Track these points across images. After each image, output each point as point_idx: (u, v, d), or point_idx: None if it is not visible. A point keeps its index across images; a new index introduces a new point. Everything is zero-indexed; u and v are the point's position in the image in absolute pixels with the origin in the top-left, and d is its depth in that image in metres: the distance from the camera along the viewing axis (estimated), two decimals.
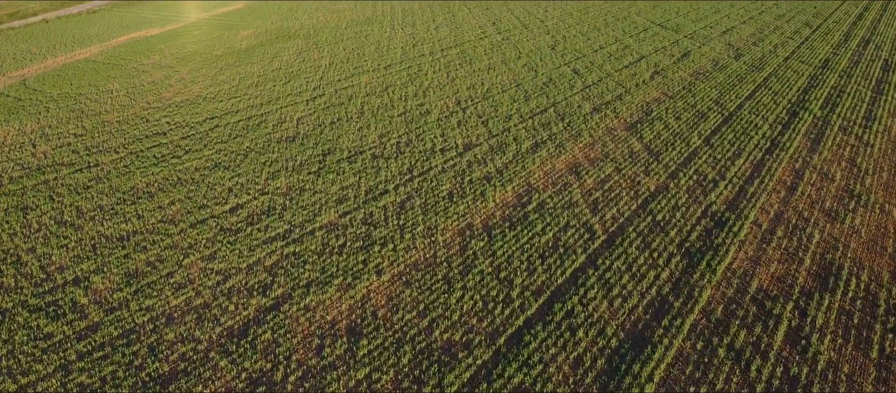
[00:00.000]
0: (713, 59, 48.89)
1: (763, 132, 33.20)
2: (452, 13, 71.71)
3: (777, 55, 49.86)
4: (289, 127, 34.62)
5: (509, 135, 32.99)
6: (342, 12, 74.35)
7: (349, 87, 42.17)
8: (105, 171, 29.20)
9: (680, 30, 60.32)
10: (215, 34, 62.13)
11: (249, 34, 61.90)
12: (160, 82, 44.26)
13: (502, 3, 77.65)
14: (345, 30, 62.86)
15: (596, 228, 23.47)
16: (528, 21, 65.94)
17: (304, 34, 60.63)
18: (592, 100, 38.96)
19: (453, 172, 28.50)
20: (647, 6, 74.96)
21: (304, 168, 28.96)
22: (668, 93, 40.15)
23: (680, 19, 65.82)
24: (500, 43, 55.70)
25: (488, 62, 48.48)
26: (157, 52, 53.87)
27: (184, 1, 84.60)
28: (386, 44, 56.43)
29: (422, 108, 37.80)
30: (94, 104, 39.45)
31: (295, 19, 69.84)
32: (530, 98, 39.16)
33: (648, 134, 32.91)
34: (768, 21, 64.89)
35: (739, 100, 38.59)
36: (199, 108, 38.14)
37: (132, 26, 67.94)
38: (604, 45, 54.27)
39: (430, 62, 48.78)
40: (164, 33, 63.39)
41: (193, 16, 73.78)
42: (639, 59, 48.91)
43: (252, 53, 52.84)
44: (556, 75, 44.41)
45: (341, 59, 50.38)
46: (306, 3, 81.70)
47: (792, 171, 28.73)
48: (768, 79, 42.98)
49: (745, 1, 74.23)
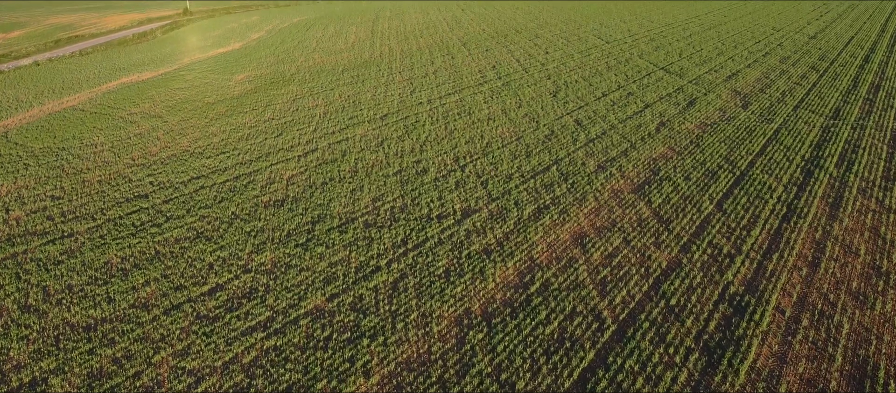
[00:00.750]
0: (720, 107, 47.78)
1: (778, 195, 31.67)
2: (452, 55, 71.13)
3: (786, 103, 48.77)
4: (278, 188, 33.12)
5: (510, 198, 31.46)
6: (340, 54, 73.80)
7: (343, 141, 40.88)
8: (79, 244, 27.56)
9: (684, 74, 59.47)
10: (209, 78, 61.29)
11: (244, 78, 61.05)
12: (147, 134, 43.00)
13: (502, 45, 77.23)
14: (342, 74, 62.05)
15: (605, 315, 21.70)
16: (529, 64, 65.22)
17: (299, 79, 59.76)
18: (596, 156, 37.59)
19: (450, 244, 26.85)
20: (647, 47, 74.47)
21: (291, 239, 27.33)
22: (675, 147, 38.81)
23: (683, 62, 65.13)
24: (501, 89, 54.68)
25: (488, 111, 47.35)
26: (147, 100, 52.84)
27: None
28: (383, 90, 55.46)
29: (418, 165, 36.40)
30: (76, 160, 38.07)
31: (291, 62, 69.20)
32: (532, 154, 37.79)
33: (657, 197, 31.37)
34: (773, 64, 64.20)
35: (750, 156, 37.22)
36: (185, 165, 36.74)
37: (125, 69, 67.24)
38: (607, 91, 53.27)
39: (427, 111, 47.64)
40: (157, 77, 62.59)
41: (188, 58, 73.18)
42: (643, 107, 47.80)
43: (245, 101, 51.79)
44: (558, 127, 43.16)
45: (336, 108, 49.27)
46: (304, 45, 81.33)
47: (812, 243, 27.09)
48: (779, 131, 41.72)
49: (750, 44, 73.71)
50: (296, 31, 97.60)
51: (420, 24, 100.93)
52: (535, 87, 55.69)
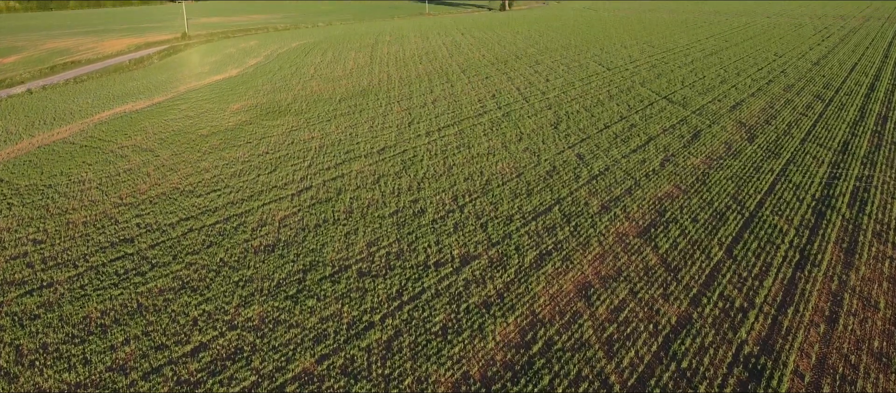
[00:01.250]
0: (725, 141, 46.92)
1: (790, 239, 30.55)
2: (451, 83, 70.60)
3: (792, 136, 47.91)
4: (269, 231, 32.02)
5: (511, 242, 30.35)
6: (338, 82, 73.28)
7: (339, 178, 39.92)
8: (58, 295, 26.38)
9: (687, 104, 58.79)
10: (204, 108, 60.61)
11: (239, 108, 60.36)
12: (137, 170, 42.06)
13: (503, 72, 76.78)
14: (339, 103, 61.39)
15: (612, 381, 20.45)
16: (529, 93, 64.61)
17: (295, 109, 59.07)
18: (600, 194, 36.57)
19: (448, 296, 25.68)
20: (649, 74, 74.00)
21: (281, 290, 26.16)
22: (681, 185, 37.81)
23: (686, 91, 64.54)
24: (501, 120, 53.89)
25: (488, 145, 46.48)
26: (139, 132, 52.04)
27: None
28: (381, 120, 54.71)
29: (416, 205, 35.36)
30: (62, 199, 37.05)
31: (288, 90, 68.64)
32: (533, 192, 36.77)
33: (664, 242, 30.26)
34: (777, 93, 63.60)
35: (759, 195, 36.21)
36: (174, 205, 35.70)
37: (119, 98, 66.64)
38: (609, 122, 52.49)
39: (426, 145, 46.77)
40: (151, 107, 61.93)
41: (183, 85, 72.65)
42: (647, 140, 46.95)
43: (239, 133, 50.98)
44: (560, 162, 42.23)
45: (332, 141, 48.43)
46: (301, 72, 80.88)
47: (829, 295, 25.90)
48: (787, 167, 40.78)
49: (752, 71, 73.20)
50: (294, 56, 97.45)
51: (420, 50, 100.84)
52: (536, 117, 54.94)
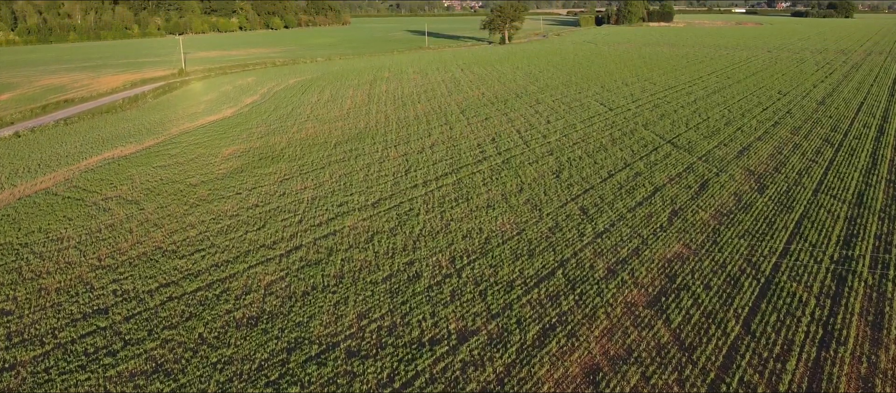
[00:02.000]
0: (734, 192, 45.44)
1: (811, 311, 28.74)
2: (450, 125, 69.58)
3: (804, 186, 46.46)
4: (254, 300, 30.22)
5: (512, 314, 28.53)
6: (334, 123, 72.27)
7: (330, 236, 38.30)
8: (20, 379, 24.42)
9: (693, 149, 57.55)
10: (195, 153, 59.36)
11: (231, 153, 59.10)
12: (120, 226, 40.46)
13: (502, 113, 75.79)
14: (334, 148, 60.19)
15: None
16: (530, 136, 63.47)
17: (289, 155, 57.82)
18: (606, 255, 34.87)
19: (444, 381, 23.77)
20: (652, 115, 72.89)
21: (262, 374, 24.25)
22: (690, 244, 36.13)
23: (691, 134, 63.41)
24: (501, 167, 52.47)
25: (487, 196, 44.97)
26: (126, 180, 50.63)
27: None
28: (376, 168, 53.36)
29: (411, 268, 33.65)
30: (36, 261, 35.35)
31: (283, 133, 67.55)
32: (535, 253, 35.08)
33: (676, 314, 28.42)
34: (785, 136, 62.44)
35: (774, 256, 34.54)
36: (155, 268, 34.00)
37: (109, 142, 65.50)
38: (612, 170, 51.12)
39: (422, 196, 45.27)
40: (141, 152, 60.70)
41: (176, 127, 71.56)
42: (653, 191, 45.48)
43: (230, 182, 49.57)
44: (563, 217, 40.64)
45: (326, 191, 46.96)
46: (298, 112, 79.96)
47: (858, 379, 23.97)
48: (801, 223, 39.18)
49: (757, 112, 72.12)
50: (291, 94, 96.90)
51: (418, 88, 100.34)
52: (537, 165, 53.58)
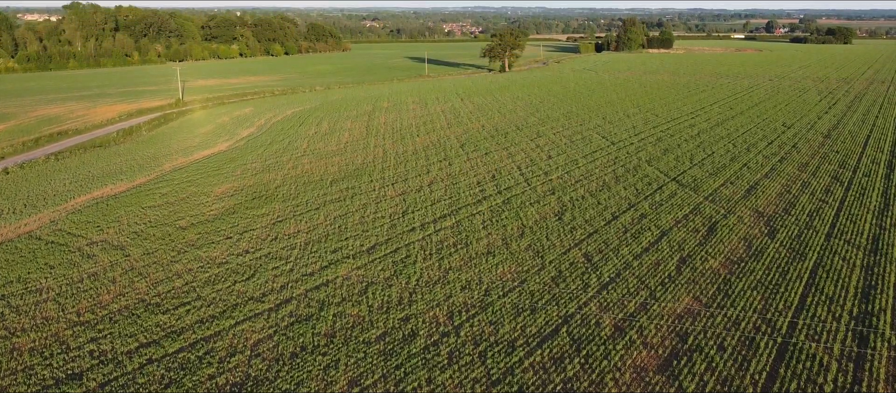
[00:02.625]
0: (744, 236, 44.01)
1: (833, 377, 27.05)
2: (449, 160, 68.46)
3: (816, 230, 45.05)
4: (238, 364, 28.58)
5: (513, 382, 26.88)
6: (331, 158, 71.15)
7: (323, 287, 36.82)
8: None
9: (699, 187, 56.27)
10: (187, 192, 58.08)
11: (224, 192, 57.79)
12: (102, 275, 38.96)
13: (502, 147, 74.73)
14: (330, 186, 58.92)
15: None
16: (531, 173, 62.26)
17: (283, 194, 56.52)
18: (612, 310, 33.27)
19: None
20: (655, 150, 71.78)
21: None
22: (701, 298, 34.59)
23: (696, 171, 62.25)
24: (501, 208, 51.08)
25: (487, 241, 43.52)
26: (113, 222, 49.24)
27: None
28: (373, 209, 52.02)
29: (406, 325, 32.07)
30: (12, 315, 33.84)
31: (278, 169, 66.40)
32: (537, 307, 33.50)
33: (689, 382, 26.77)
34: (792, 173, 61.28)
35: (789, 312, 33.00)
36: (136, 325, 32.43)
37: (99, 179, 64.30)
38: (617, 212, 49.76)
39: (420, 241, 43.84)
40: (132, 191, 59.44)
41: (169, 162, 70.42)
42: (659, 236, 44.06)
43: (221, 225, 48.17)
44: (566, 265, 39.15)
45: (320, 235, 45.54)
46: (294, 146, 78.87)
47: None
48: (815, 272, 37.73)
49: (763, 146, 70.89)
50: (288, 126, 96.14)
51: (417, 119, 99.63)
52: (539, 205, 52.22)
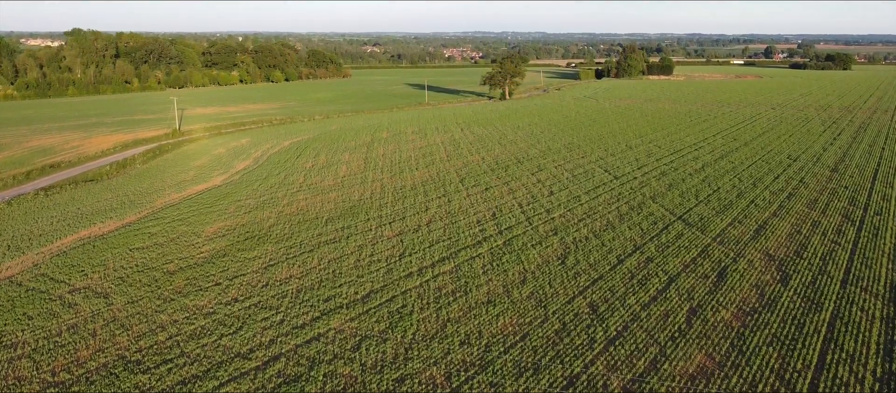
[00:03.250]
0: (756, 282, 42.39)
1: None
2: (448, 197, 67.08)
3: (830, 276, 43.48)
4: None
5: None
6: (327, 194, 69.81)
7: (314, 341, 35.26)
8: None
9: (705, 227, 54.80)
10: (177, 232, 56.57)
11: (215, 232, 56.27)
12: (82, 327, 37.31)
13: (503, 181, 73.41)
14: (325, 226, 57.46)
15: None
16: (532, 211, 60.84)
17: (277, 234, 55.02)
18: (620, 369, 31.49)
19: None
20: (659, 185, 70.42)
21: None
22: (714, 354, 32.92)
23: (702, 209, 60.81)
24: (502, 251, 49.49)
25: (487, 288, 41.92)
26: (99, 266, 47.65)
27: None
28: (369, 251, 50.46)
29: (401, 387, 30.50)
30: None
31: (272, 206, 64.98)
32: (541, 367, 31.79)
33: None
34: (801, 211, 59.78)
35: (808, 372, 31.23)
36: (114, 387, 30.90)
37: (88, 217, 62.84)
38: (622, 255, 48.20)
39: (416, 289, 42.23)
40: (120, 230, 57.94)
41: (161, 199, 69.01)
42: (667, 283, 42.48)
43: (210, 269, 46.61)
44: (570, 317, 37.50)
45: (313, 281, 43.95)
46: (290, 181, 77.57)
47: None
48: (833, 325, 36.10)
49: (769, 181, 69.38)
50: (285, 159, 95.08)
51: (416, 151, 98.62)
52: (541, 247, 50.65)
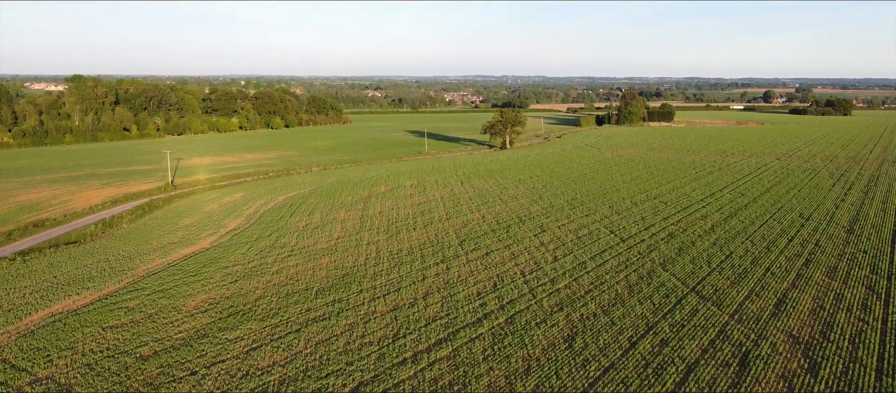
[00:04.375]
0: (782, 373, 39.21)
1: None
2: (447, 264, 64.02)
3: (864, 365, 40.54)
4: None
5: None
6: (319, 260, 66.76)
7: None
8: None
9: (722, 301, 51.64)
10: (157, 306, 53.33)
11: (198, 305, 52.99)
12: None
13: (504, 245, 70.43)
14: (315, 299, 54.19)
15: None
16: (536, 281, 57.74)
17: (262, 310, 51.80)
18: None
19: None
20: (669, 249, 67.29)
21: None
22: None
23: (715, 278, 57.76)
24: (504, 331, 46.13)
25: (488, 380, 38.95)
26: (67, 349, 44.31)
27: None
28: (360, 330, 47.21)
29: None
30: None
31: (261, 274, 61.83)
32: None
33: None
34: (821, 281, 56.67)
35: None
36: None
37: (64, 287, 59.67)
38: (634, 336, 45.01)
39: (411, 379, 39.06)
40: (97, 302, 54.72)
41: (144, 265, 65.89)
42: (685, 372, 39.28)
43: (187, 354, 43.34)
44: None
45: (297, 370, 40.78)
46: (281, 243, 74.59)
47: None
48: None
49: (783, 244, 66.21)
50: (278, 217, 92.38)
51: (415, 208, 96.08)
52: (546, 326, 47.40)
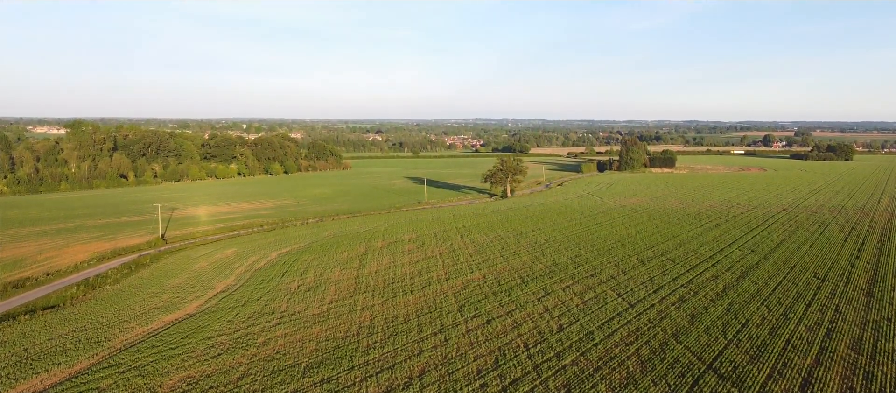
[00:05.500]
0: None
1: None
2: (445, 333, 60.51)
3: None
4: None
5: None
6: (309, 329, 63.12)
7: None
8: None
9: (742, 381, 48.56)
10: (130, 386, 49.56)
11: (176, 385, 49.22)
12: None
13: (506, 311, 66.90)
14: (302, 377, 50.61)
15: None
16: (541, 355, 54.30)
17: (247, 387, 47.55)
18: None
19: None
20: (680, 315, 63.73)
21: None
22: None
23: (733, 352, 54.33)
24: None
25: None
26: None
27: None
28: None
29: None
30: None
31: (246, 347, 58.26)
32: None
33: None
34: (847, 356, 53.30)
35: None
36: None
37: (31, 364, 56.34)
38: None
39: None
40: (65, 383, 51.13)
41: (123, 335, 62.27)
42: None
43: None
44: None
45: None
46: (271, 308, 71.02)
47: None
48: None
49: (801, 311, 62.62)
50: (270, 276, 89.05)
51: (412, 267, 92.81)
52: None
